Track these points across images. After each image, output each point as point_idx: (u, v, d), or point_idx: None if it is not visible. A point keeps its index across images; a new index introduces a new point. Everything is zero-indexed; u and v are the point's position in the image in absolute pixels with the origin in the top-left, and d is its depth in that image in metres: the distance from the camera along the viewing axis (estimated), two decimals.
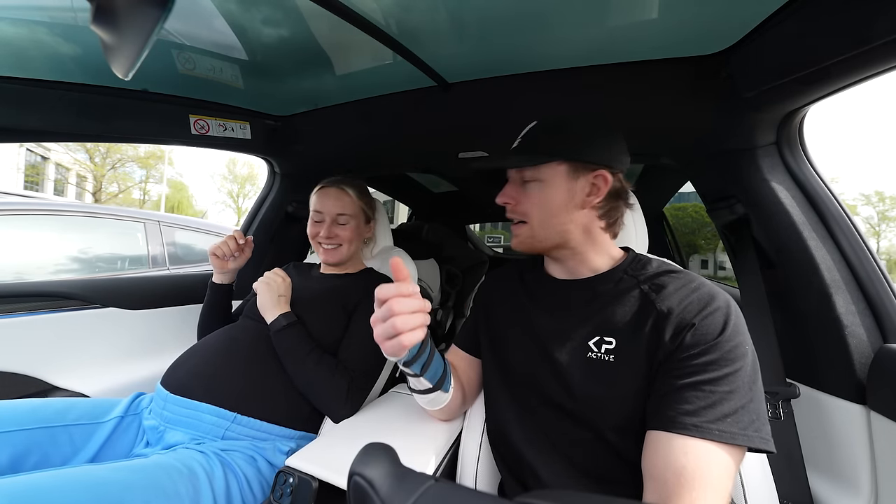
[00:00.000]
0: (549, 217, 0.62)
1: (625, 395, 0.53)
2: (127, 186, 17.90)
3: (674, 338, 0.51)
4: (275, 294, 0.88)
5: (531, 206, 0.63)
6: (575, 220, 0.62)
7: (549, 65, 0.84)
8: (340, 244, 1.00)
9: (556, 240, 0.63)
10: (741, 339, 0.50)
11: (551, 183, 0.61)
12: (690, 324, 0.51)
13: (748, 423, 0.46)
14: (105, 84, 0.91)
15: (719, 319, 0.51)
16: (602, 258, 0.65)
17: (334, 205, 1.00)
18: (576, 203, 0.62)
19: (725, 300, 0.53)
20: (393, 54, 0.80)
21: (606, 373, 0.55)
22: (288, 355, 0.81)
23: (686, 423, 0.46)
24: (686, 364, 0.49)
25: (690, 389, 0.48)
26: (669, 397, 0.49)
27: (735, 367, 0.48)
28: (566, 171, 0.61)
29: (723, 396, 0.46)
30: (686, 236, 4.42)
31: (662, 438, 0.47)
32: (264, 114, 1.17)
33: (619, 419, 0.53)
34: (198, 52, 0.84)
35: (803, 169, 0.81)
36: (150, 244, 2.74)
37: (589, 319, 0.60)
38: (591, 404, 0.55)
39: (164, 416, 0.75)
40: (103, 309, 1.07)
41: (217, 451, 0.69)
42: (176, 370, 0.82)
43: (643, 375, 0.53)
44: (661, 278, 0.58)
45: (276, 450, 0.76)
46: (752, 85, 0.71)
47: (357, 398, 0.81)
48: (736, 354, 0.49)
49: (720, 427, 0.45)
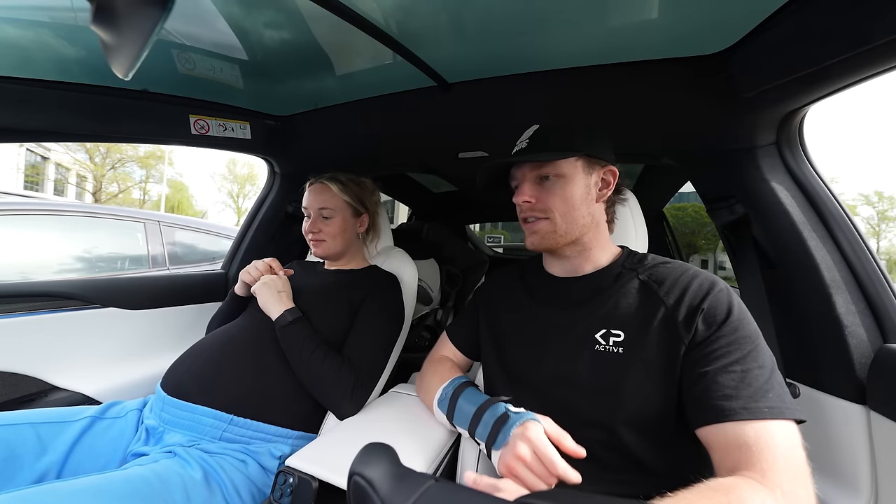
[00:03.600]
0: (571, 210, 0.63)
1: (635, 389, 0.53)
2: (127, 186, 17.91)
3: (687, 326, 0.52)
4: (274, 291, 0.88)
5: (555, 200, 0.64)
6: (592, 214, 0.65)
7: (550, 65, 0.84)
8: (324, 239, 1.00)
9: (576, 234, 0.65)
10: (748, 318, 0.52)
11: (572, 178, 0.63)
12: (700, 309, 0.52)
13: (786, 396, 0.47)
14: (105, 84, 0.91)
15: (724, 300, 0.53)
16: (605, 253, 0.67)
17: (316, 199, 1.00)
18: (592, 197, 0.65)
19: (724, 283, 0.55)
20: (393, 54, 0.80)
21: (616, 366, 0.55)
22: (294, 351, 0.80)
23: (733, 408, 0.46)
24: (707, 350, 0.50)
25: (722, 374, 0.48)
26: (706, 390, 0.49)
27: (754, 343, 0.49)
28: (583, 166, 0.64)
29: (756, 373, 0.47)
30: (686, 236, 4.43)
31: (716, 432, 0.47)
32: (264, 114, 1.17)
33: (631, 414, 0.53)
34: (198, 53, 0.84)
35: (803, 169, 0.81)
36: (150, 244, 2.74)
37: (594, 313, 0.60)
38: (600, 399, 0.55)
39: (162, 417, 0.75)
40: (103, 309, 1.07)
41: (203, 459, 0.68)
42: (174, 371, 0.81)
43: (657, 371, 0.53)
44: (657, 269, 0.60)
45: (269, 453, 0.75)
46: (752, 85, 0.71)
47: (362, 396, 0.81)
48: (749, 331, 0.50)
49: (767, 404, 0.45)
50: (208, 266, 2.93)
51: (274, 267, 0.97)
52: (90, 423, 0.74)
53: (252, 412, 0.76)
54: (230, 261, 1.45)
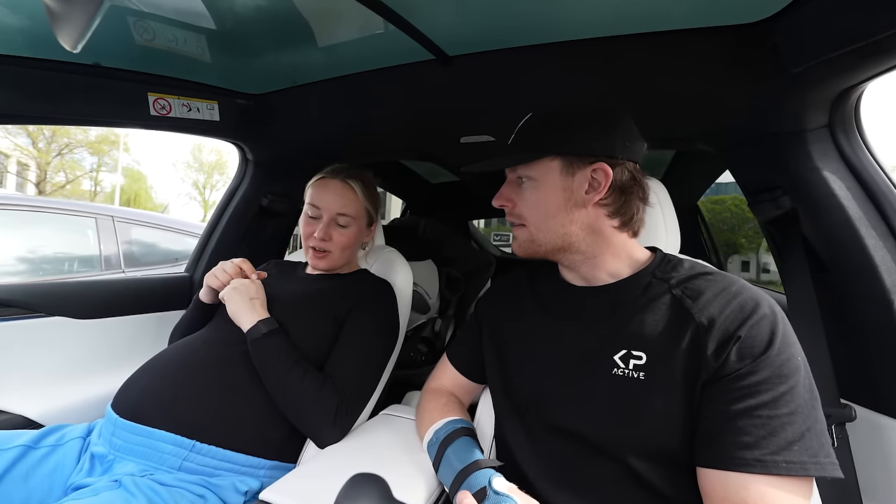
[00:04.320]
0: (545, 219, 0.63)
1: (655, 418, 0.53)
2: (76, 176, 17.94)
3: (717, 354, 0.51)
4: (245, 298, 0.87)
5: (527, 206, 0.65)
6: (577, 221, 0.63)
7: (565, 35, 0.84)
8: (331, 250, 0.98)
9: (558, 243, 0.64)
10: (792, 351, 0.51)
11: (544, 181, 0.63)
12: (735, 336, 0.51)
13: (818, 448, 0.46)
14: (51, 58, 0.91)
15: (766, 329, 0.51)
16: (621, 261, 0.65)
17: (335, 202, 0.98)
18: (575, 201, 0.62)
19: (770, 306, 0.53)
20: (384, 23, 0.80)
21: (635, 392, 0.55)
22: (268, 368, 0.80)
23: (746, 459, 0.46)
24: (734, 386, 0.49)
25: (745, 417, 0.48)
26: (722, 429, 0.49)
27: (790, 384, 0.48)
28: (560, 166, 0.62)
29: (784, 421, 0.47)
30: (724, 234, 4.43)
31: (717, 477, 0.47)
32: (235, 92, 1.17)
33: (650, 445, 0.53)
34: (158, 21, 0.84)
35: (860, 155, 0.81)
36: (102, 243, 2.75)
37: (614, 331, 0.60)
38: (617, 430, 0.55)
39: (113, 443, 0.74)
40: (49, 318, 1.07)
41: (154, 492, 0.67)
42: (128, 390, 0.81)
43: (680, 397, 0.53)
44: (695, 282, 0.58)
45: (233, 487, 0.74)
46: (800, 58, 0.71)
47: (346, 421, 0.81)
48: (789, 369, 0.49)
49: (787, 458, 0.45)
50: (170, 269, 2.93)
51: (245, 269, 0.95)
52: (21, 453, 0.73)
53: (219, 437, 0.76)
54: (195, 262, 1.45)
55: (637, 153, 0.65)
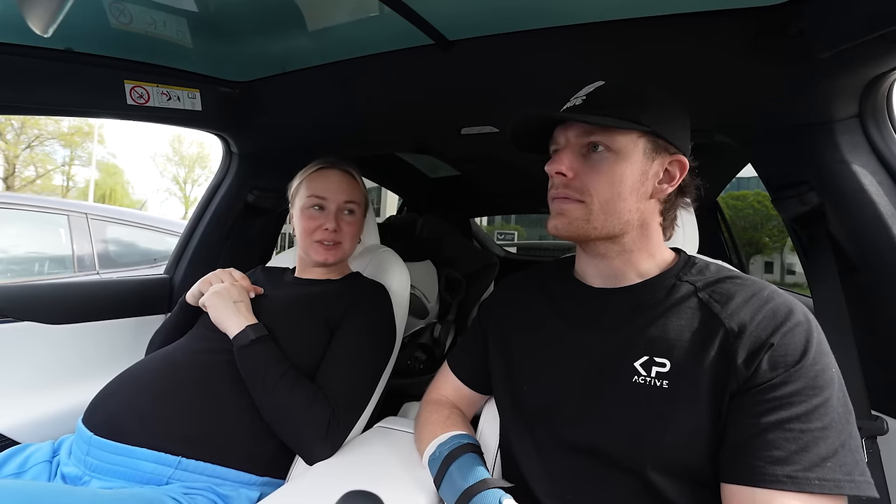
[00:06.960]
0: (615, 199, 0.60)
1: (678, 430, 0.53)
2: (47, 170, 17.92)
3: (748, 362, 0.51)
4: (229, 301, 0.87)
5: (598, 181, 0.60)
6: (639, 210, 0.62)
7: (574, 18, 0.84)
8: (341, 241, 1.00)
9: (613, 230, 0.61)
10: (827, 361, 0.51)
11: (627, 156, 0.59)
12: (767, 344, 0.51)
13: (853, 465, 0.46)
14: (20, 42, 0.90)
15: (801, 338, 0.51)
16: (654, 261, 0.65)
17: (342, 190, 1.00)
18: (646, 189, 0.61)
19: (804, 313, 0.54)
20: (379, 5, 0.81)
21: (657, 402, 0.55)
22: (255, 378, 0.80)
23: (777, 475, 0.46)
24: (766, 397, 0.50)
25: (776, 430, 0.48)
26: (751, 442, 0.49)
27: (825, 396, 0.49)
28: (644, 146, 0.60)
29: (817, 435, 0.47)
30: (746, 232, 4.42)
31: (744, 494, 0.48)
32: (218, 79, 1.17)
33: (671, 460, 0.53)
34: (135, 3, 0.84)
35: (893, 148, 0.81)
36: (75, 242, 2.75)
37: (635, 336, 0.59)
38: (636, 444, 0.55)
39: (88, 462, 0.73)
40: (17, 323, 1.07)
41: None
42: (103, 404, 0.80)
43: (706, 407, 0.53)
44: (723, 285, 0.58)
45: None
46: (828, 43, 0.71)
47: (338, 435, 0.81)
48: (823, 380, 0.50)
49: (820, 475, 0.45)
50: (148, 270, 2.93)
51: (236, 278, 0.96)
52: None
53: (206, 452, 0.76)
54: (175, 263, 1.44)
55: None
